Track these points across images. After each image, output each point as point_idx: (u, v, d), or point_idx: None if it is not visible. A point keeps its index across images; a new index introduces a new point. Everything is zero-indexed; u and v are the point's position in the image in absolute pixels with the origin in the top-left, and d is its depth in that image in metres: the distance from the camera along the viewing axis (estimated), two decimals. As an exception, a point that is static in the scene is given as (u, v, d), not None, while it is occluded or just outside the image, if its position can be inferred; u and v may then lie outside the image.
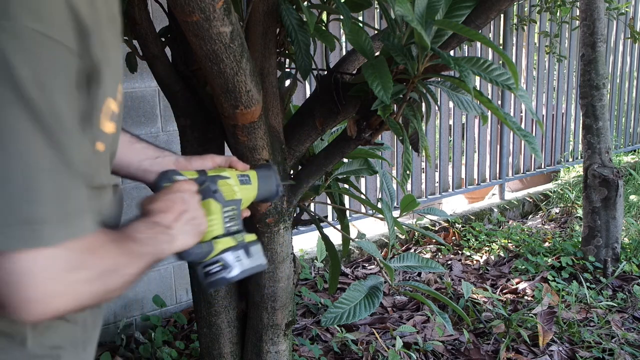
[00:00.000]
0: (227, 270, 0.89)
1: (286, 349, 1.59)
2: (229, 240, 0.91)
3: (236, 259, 0.90)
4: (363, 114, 1.32)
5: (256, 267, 0.95)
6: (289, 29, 1.28)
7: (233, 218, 0.93)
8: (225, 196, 0.92)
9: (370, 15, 3.30)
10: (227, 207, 0.92)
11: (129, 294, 2.40)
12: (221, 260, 0.89)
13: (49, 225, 0.53)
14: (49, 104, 0.51)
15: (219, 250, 0.89)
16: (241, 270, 0.91)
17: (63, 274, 0.56)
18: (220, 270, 0.89)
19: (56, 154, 0.53)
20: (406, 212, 1.66)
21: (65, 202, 0.55)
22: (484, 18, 1.22)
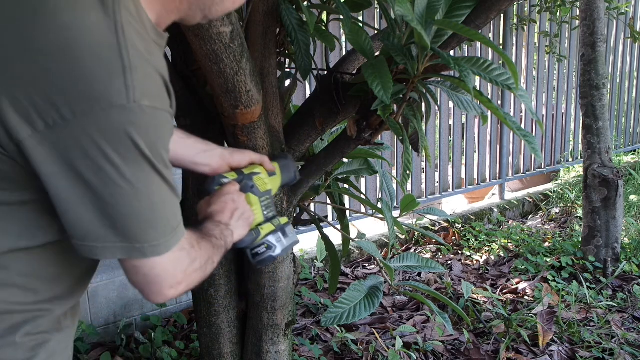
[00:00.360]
0: (272, 250, 1.11)
1: (286, 349, 1.59)
2: (269, 226, 1.12)
3: (277, 239, 1.12)
4: (363, 114, 1.32)
5: (292, 244, 1.17)
6: (289, 29, 1.28)
7: (268, 206, 1.14)
8: (260, 189, 1.13)
9: (370, 15, 3.30)
10: (262, 198, 1.12)
11: (129, 294, 2.40)
12: (266, 242, 1.11)
13: (170, 236, 0.74)
14: (160, 159, 0.70)
15: (263, 235, 1.11)
16: (282, 249, 1.13)
17: (182, 267, 0.79)
18: (266, 251, 1.11)
19: (169, 189, 0.73)
20: (406, 212, 1.66)
21: (175, 217, 0.76)
22: (484, 18, 1.22)
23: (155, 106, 0.67)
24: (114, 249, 0.71)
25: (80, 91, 0.62)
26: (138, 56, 0.66)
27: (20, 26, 0.63)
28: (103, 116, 0.63)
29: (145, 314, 2.43)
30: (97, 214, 0.68)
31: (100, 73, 0.63)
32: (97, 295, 2.31)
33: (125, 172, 0.66)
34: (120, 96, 0.63)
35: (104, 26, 0.64)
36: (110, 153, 0.65)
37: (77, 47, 0.62)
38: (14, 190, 0.70)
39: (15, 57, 0.63)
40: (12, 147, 0.65)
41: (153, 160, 0.68)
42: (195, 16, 0.83)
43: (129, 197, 0.68)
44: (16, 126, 0.63)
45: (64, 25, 0.63)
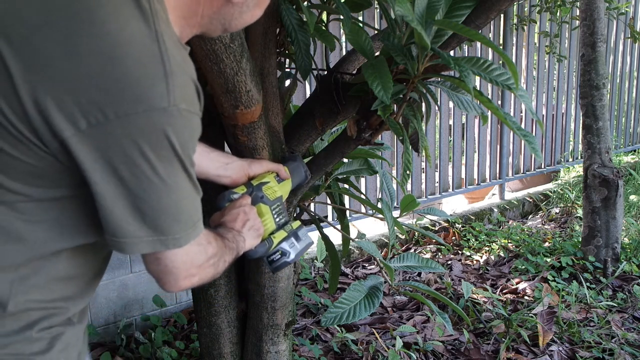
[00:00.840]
0: (287, 256, 1.16)
1: (286, 349, 1.59)
2: (282, 233, 1.17)
3: (290, 245, 1.17)
4: (363, 114, 1.32)
5: (306, 247, 1.22)
6: (289, 29, 1.28)
7: (280, 212, 1.18)
8: (270, 198, 1.16)
9: (370, 15, 3.30)
10: (273, 206, 1.16)
11: (129, 294, 2.40)
12: (280, 249, 1.16)
13: (191, 229, 0.79)
14: (189, 158, 0.75)
15: (277, 243, 1.15)
16: (296, 253, 1.18)
17: (199, 261, 0.85)
18: (281, 257, 1.16)
19: (192, 186, 0.78)
20: (406, 212, 1.66)
21: (196, 213, 0.80)
22: (484, 18, 1.22)
23: (190, 110, 0.72)
24: (141, 244, 0.75)
25: (124, 93, 0.66)
26: (176, 63, 0.71)
27: (67, 31, 0.66)
28: (144, 117, 0.68)
29: (145, 314, 2.43)
30: (128, 208, 0.72)
31: (144, 77, 0.67)
32: (97, 295, 2.31)
33: (158, 168, 0.71)
34: (162, 99, 0.68)
35: (146, 35, 0.69)
36: (147, 151, 0.69)
37: (122, 53, 0.67)
38: (47, 188, 0.73)
39: (61, 59, 0.66)
40: (54, 145, 0.68)
41: (183, 159, 0.73)
42: (216, 30, 0.87)
43: (159, 191, 0.72)
44: (60, 124, 0.66)
45: (110, 32, 0.67)
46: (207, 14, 0.83)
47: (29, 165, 0.70)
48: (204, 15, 0.83)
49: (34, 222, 0.74)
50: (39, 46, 0.66)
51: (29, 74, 0.66)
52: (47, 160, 0.70)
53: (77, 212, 0.77)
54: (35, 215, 0.74)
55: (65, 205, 0.76)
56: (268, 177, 1.20)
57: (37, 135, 0.68)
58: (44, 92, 0.66)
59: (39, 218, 0.74)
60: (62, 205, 0.75)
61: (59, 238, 0.77)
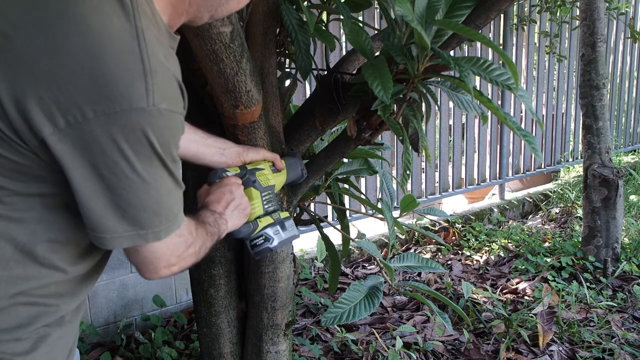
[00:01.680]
0: (269, 242, 1.15)
1: (286, 349, 1.59)
2: (268, 219, 1.16)
3: (275, 232, 1.16)
4: (363, 114, 1.32)
5: (291, 237, 1.20)
6: (289, 29, 1.28)
7: (270, 200, 1.18)
8: (262, 184, 1.17)
9: (370, 15, 3.30)
10: (264, 193, 1.16)
11: (129, 294, 2.40)
12: (264, 234, 1.15)
13: (171, 222, 0.79)
14: (170, 156, 0.74)
15: (261, 227, 1.15)
16: (279, 241, 1.17)
17: (179, 252, 0.85)
18: (264, 242, 1.15)
19: (173, 181, 0.77)
20: (406, 212, 1.66)
21: (176, 206, 0.80)
22: (484, 18, 1.22)
23: (172, 109, 0.72)
24: (120, 239, 0.76)
25: (102, 92, 0.66)
26: (157, 61, 0.70)
27: (46, 28, 0.66)
28: (123, 116, 0.67)
29: (145, 314, 2.43)
30: (108, 205, 0.72)
31: (123, 76, 0.67)
32: (97, 295, 2.31)
33: (137, 167, 0.71)
34: (141, 99, 0.68)
35: (126, 32, 0.68)
36: (126, 150, 0.69)
37: (101, 51, 0.66)
38: (30, 182, 0.73)
39: (40, 58, 0.66)
40: (34, 143, 0.68)
41: (164, 157, 0.73)
42: (203, 17, 0.87)
43: (138, 189, 0.72)
44: (39, 124, 0.66)
45: (89, 29, 0.66)
46: (195, 1, 0.83)
47: (12, 162, 0.71)
48: (192, 3, 0.83)
49: (21, 216, 0.75)
50: (20, 44, 0.66)
51: (10, 72, 0.66)
52: (30, 157, 0.70)
53: (61, 208, 0.77)
54: (22, 210, 0.75)
55: (49, 202, 0.76)
56: (263, 165, 1.21)
57: (18, 134, 0.68)
58: (23, 91, 0.66)
59: (25, 213, 0.75)
60: (47, 201, 0.76)
61: (46, 233, 0.77)
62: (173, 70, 0.74)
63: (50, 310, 0.81)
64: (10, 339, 0.77)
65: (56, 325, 0.83)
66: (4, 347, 0.77)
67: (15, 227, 0.75)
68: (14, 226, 0.75)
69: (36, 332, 0.80)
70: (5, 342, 0.77)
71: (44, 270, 0.79)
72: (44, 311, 0.80)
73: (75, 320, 0.88)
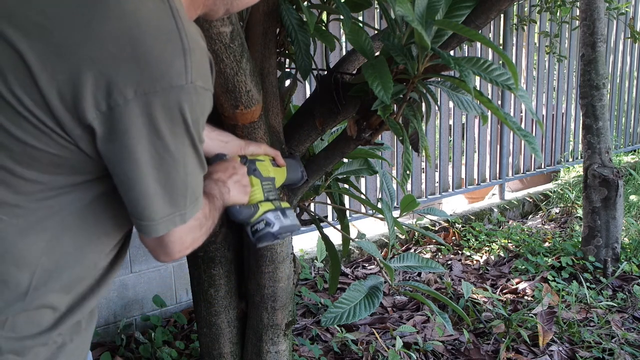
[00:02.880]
0: (270, 226, 1.13)
1: (286, 349, 1.59)
2: (269, 204, 1.14)
3: (275, 217, 1.13)
4: (363, 114, 1.32)
5: (292, 226, 1.17)
6: (289, 29, 1.28)
7: (270, 190, 1.17)
8: (263, 173, 1.16)
9: (370, 15, 3.30)
10: (264, 182, 1.16)
11: (129, 294, 2.40)
12: (264, 218, 1.12)
13: (194, 205, 0.79)
14: (198, 134, 0.74)
15: (262, 211, 1.13)
16: (280, 226, 1.14)
17: (194, 234, 0.85)
18: (265, 227, 1.12)
19: (198, 162, 0.78)
20: (406, 212, 1.66)
21: (199, 188, 0.81)
22: (484, 18, 1.22)
23: (205, 87, 0.72)
24: (166, 223, 0.76)
25: (144, 73, 0.66)
26: (193, 39, 0.71)
27: (82, 16, 0.66)
28: (162, 95, 0.67)
29: (145, 314, 2.43)
30: (151, 188, 0.73)
31: (164, 55, 0.67)
32: (97, 295, 2.31)
33: (170, 145, 0.71)
34: (180, 77, 0.68)
35: (162, 12, 0.69)
36: (162, 128, 0.69)
37: (140, 33, 0.67)
38: (65, 175, 0.74)
39: (79, 45, 0.66)
40: (77, 132, 0.69)
41: (194, 134, 0.73)
42: (219, 11, 0.87)
43: (170, 167, 0.73)
44: (84, 110, 0.67)
45: (125, 12, 0.67)
46: None
47: (50, 155, 0.70)
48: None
49: (52, 210, 0.74)
50: (57, 34, 0.66)
51: (49, 63, 0.66)
52: (69, 149, 0.70)
53: (92, 201, 0.77)
54: (53, 204, 0.74)
55: (82, 195, 0.76)
56: (264, 157, 1.21)
57: (60, 124, 0.68)
58: (64, 80, 0.66)
59: (56, 206, 0.75)
60: (80, 194, 0.76)
61: (76, 226, 0.77)
62: (204, 47, 0.75)
63: (69, 316, 0.81)
64: (38, 344, 0.77)
65: (74, 334, 0.83)
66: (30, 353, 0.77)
67: (46, 220, 0.75)
68: (45, 219, 0.75)
69: (58, 338, 0.80)
70: (30, 348, 0.77)
71: (72, 266, 0.79)
72: (64, 316, 0.80)
73: (90, 327, 0.89)
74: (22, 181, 0.72)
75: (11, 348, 0.75)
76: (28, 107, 0.67)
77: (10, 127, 0.68)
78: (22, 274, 0.74)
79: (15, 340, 0.75)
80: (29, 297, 0.75)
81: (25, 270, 0.74)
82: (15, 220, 0.73)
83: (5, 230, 0.73)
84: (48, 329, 0.78)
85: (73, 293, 0.81)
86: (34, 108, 0.67)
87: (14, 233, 0.73)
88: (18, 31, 0.67)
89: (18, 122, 0.68)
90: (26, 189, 0.72)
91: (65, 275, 0.78)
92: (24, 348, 0.76)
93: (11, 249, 0.73)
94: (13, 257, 0.74)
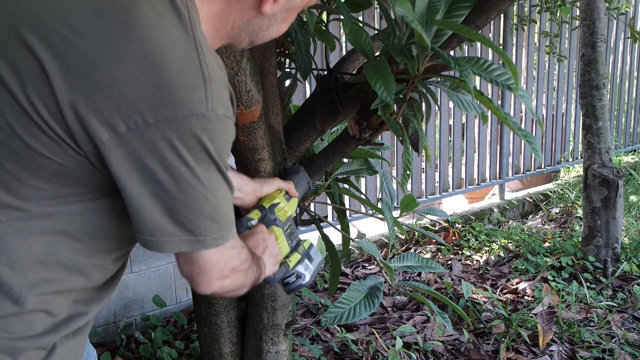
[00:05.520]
0: (302, 278, 1.17)
1: (286, 349, 1.59)
2: (296, 256, 1.17)
3: (305, 268, 1.17)
4: (363, 114, 1.32)
5: (319, 266, 1.21)
6: (289, 29, 1.28)
7: (291, 233, 1.19)
8: (282, 219, 1.17)
9: (370, 15, 3.30)
10: (285, 227, 1.17)
11: (129, 294, 2.40)
12: (295, 272, 1.16)
13: (227, 230, 0.80)
14: (223, 162, 0.76)
15: (292, 266, 1.15)
16: (311, 275, 1.18)
17: (233, 263, 0.85)
18: (297, 280, 1.16)
19: (228, 187, 0.79)
20: (406, 212, 1.66)
21: (231, 213, 0.81)
22: (484, 18, 1.22)
23: (227, 115, 0.74)
24: (180, 243, 0.76)
25: (164, 98, 0.68)
26: (213, 70, 0.73)
27: (109, 36, 0.68)
28: (184, 122, 0.69)
29: (145, 314, 2.43)
30: (167, 211, 0.73)
31: (184, 83, 0.69)
32: (97, 295, 2.31)
33: (197, 171, 0.72)
34: (201, 105, 0.70)
35: (185, 42, 0.71)
36: (185, 155, 0.70)
37: (163, 59, 0.68)
38: (70, 186, 0.74)
39: (102, 63, 0.67)
40: (89, 148, 0.69)
41: (219, 162, 0.75)
42: (243, 41, 0.89)
43: (198, 194, 0.74)
44: (98, 128, 0.68)
45: (153, 38, 0.68)
46: (237, 24, 0.84)
47: (57, 165, 0.71)
48: (234, 27, 0.84)
49: (53, 217, 0.75)
50: (82, 50, 0.67)
51: (70, 77, 0.67)
52: (78, 161, 0.71)
53: (94, 213, 0.78)
54: (54, 212, 0.75)
55: (84, 206, 0.76)
56: (278, 198, 1.21)
57: (73, 137, 0.69)
58: (83, 96, 0.67)
59: (57, 215, 0.75)
60: (82, 205, 0.76)
61: (75, 236, 0.77)
62: (224, 79, 0.76)
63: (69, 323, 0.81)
64: (30, 347, 0.77)
65: (65, 338, 0.83)
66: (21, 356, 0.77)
67: (45, 226, 0.75)
68: (45, 225, 0.75)
69: (49, 343, 0.80)
70: (22, 350, 0.77)
71: (68, 274, 0.79)
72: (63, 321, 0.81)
73: (85, 332, 0.88)
74: (26, 187, 0.72)
75: (2, 348, 0.76)
76: (42, 116, 0.67)
77: (22, 133, 0.69)
78: (14, 276, 0.74)
79: (8, 340, 0.76)
80: (21, 300, 0.75)
81: (17, 272, 0.75)
82: (15, 222, 0.73)
83: (4, 232, 0.73)
84: (42, 334, 0.78)
85: (69, 301, 0.81)
86: (48, 117, 0.67)
87: (12, 235, 0.73)
88: (42, 41, 0.67)
89: (30, 129, 0.68)
90: (29, 195, 0.73)
91: (59, 283, 0.78)
92: (15, 349, 0.76)
93: (7, 250, 0.74)
94: (8, 259, 0.74)
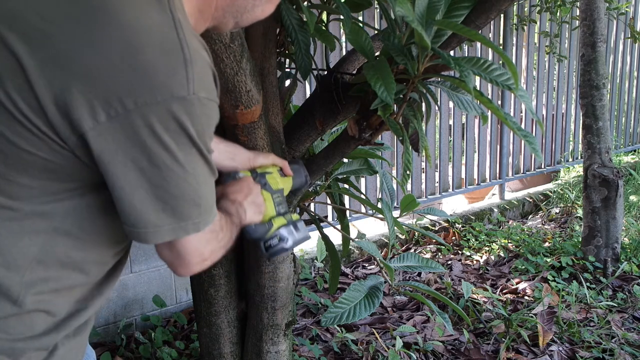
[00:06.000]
0: (284, 242, 1.15)
1: (286, 349, 1.59)
2: (281, 219, 1.17)
3: (289, 233, 1.16)
4: (363, 114, 1.32)
5: (303, 238, 1.21)
6: (289, 29, 1.28)
7: (280, 203, 1.20)
8: (272, 187, 1.19)
9: (370, 15, 3.30)
10: (274, 195, 1.18)
11: (129, 294, 2.40)
12: (278, 234, 1.15)
13: (208, 214, 0.79)
14: (205, 145, 0.74)
15: (276, 227, 1.15)
16: (294, 241, 1.17)
17: (212, 246, 0.84)
18: (279, 243, 1.15)
19: (209, 170, 0.78)
20: (406, 212, 1.66)
21: (212, 197, 0.80)
22: (484, 18, 1.22)
23: (209, 97, 0.72)
24: (162, 232, 0.75)
25: (143, 83, 0.66)
26: (195, 50, 0.70)
27: (83, 23, 0.66)
28: (164, 106, 0.67)
29: (145, 314, 2.43)
30: (149, 198, 0.72)
31: (164, 66, 0.67)
32: (97, 295, 2.31)
33: (178, 156, 0.71)
34: (182, 88, 0.68)
35: (164, 23, 0.69)
36: (166, 140, 0.69)
37: (140, 42, 0.66)
38: (60, 181, 0.73)
39: (79, 52, 0.65)
40: (73, 140, 0.68)
41: (201, 146, 0.73)
42: (228, 23, 0.87)
43: (179, 179, 0.72)
44: (79, 119, 0.66)
45: (127, 21, 0.66)
46: (221, 5, 0.83)
47: (44, 161, 0.70)
48: (218, 8, 0.83)
49: (46, 214, 0.74)
50: (57, 40, 0.66)
51: (47, 69, 0.65)
52: (64, 155, 0.70)
53: (87, 207, 0.77)
54: (47, 209, 0.74)
55: (76, 201, 0.76)
56: (272, 169, 1.23)
57: (56, 131, 0.67)
58: (62, 87, 0.65)
59: (50, 212, 0.74)
60: (74, 201, 0.75)
61: (70, 231, 0.77)
62: (207, 59, 0.75)
63: (66, 322, 0.81)
64: (31, 349, 0.77)
65: (66, 338, 0.83)
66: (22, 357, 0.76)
67: (40, 225, 0.74)
68: (40, 224, 0.74)
69: (51, 343, 0.80)
70: (22, 351, 0.77)
71: (66, 272, 0.79)
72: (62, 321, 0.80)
73: (85, 332, 0.88)
74: (16, 185, 0.71)
75: (2, 349, 0.75)
76: (23, 112, 0.66)
77: (5, 131, 0.68)
78: (11, 277, 0.74)
79: (8, 341, 0.75)
80: (20, 300, 0.75)
81: (14, 272, 0.74)
82: (8, 222, 0.73)
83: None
84: (42, 334, 0.78)
85: (68, 299, 0.80)
86: (29, 113, 0.66)
87: (7, 235, 0.73)
88: (18, 36, 0.66)
89: (13, 126, 0.67)
90: (20, 194, 0.72)
91: (57, 281, 0.78)
92: (15, 351, 0.76)
93: (3, 250, 0.73)
94: (5, 259, 0.73)
